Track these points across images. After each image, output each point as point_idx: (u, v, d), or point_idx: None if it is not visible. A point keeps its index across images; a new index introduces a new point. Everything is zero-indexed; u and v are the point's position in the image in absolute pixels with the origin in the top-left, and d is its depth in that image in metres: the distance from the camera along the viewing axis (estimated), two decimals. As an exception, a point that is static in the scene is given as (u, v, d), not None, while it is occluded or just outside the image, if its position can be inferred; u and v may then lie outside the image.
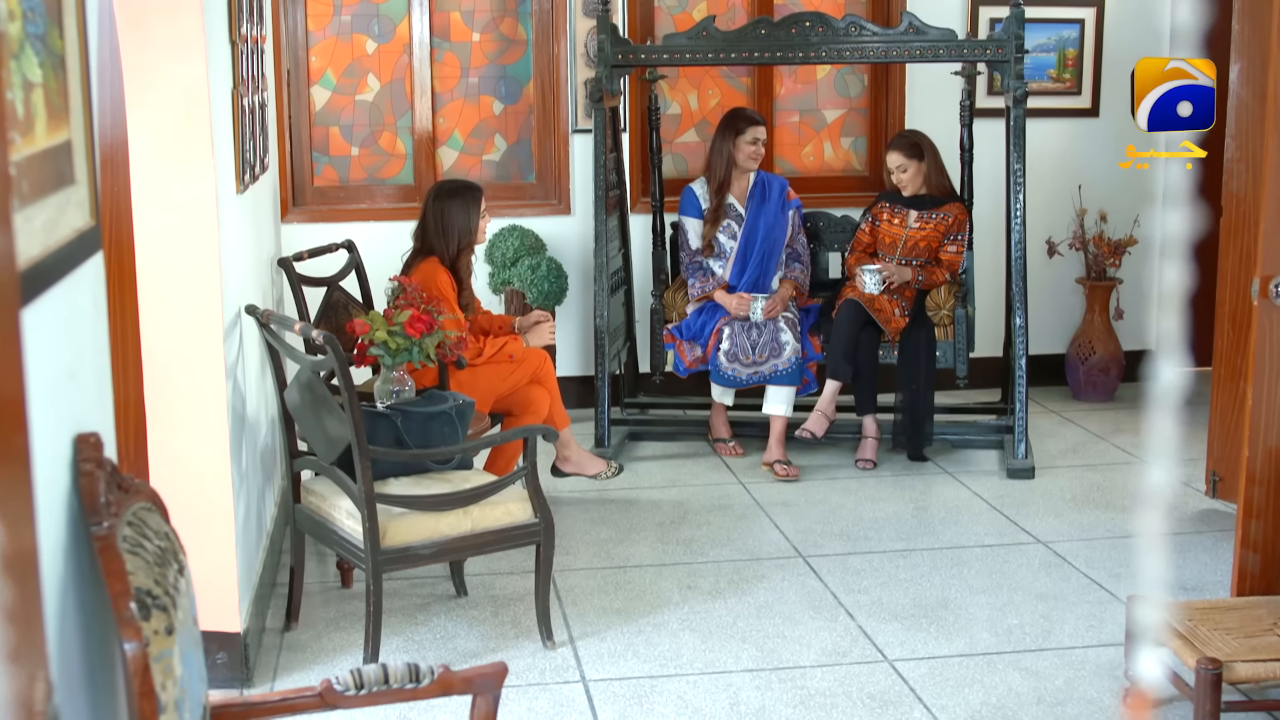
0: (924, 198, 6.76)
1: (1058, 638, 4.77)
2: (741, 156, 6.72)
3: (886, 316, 6.58)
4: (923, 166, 6.72)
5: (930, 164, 6.74)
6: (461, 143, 7.62)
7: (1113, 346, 7.82)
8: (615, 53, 6.70)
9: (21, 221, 1.97)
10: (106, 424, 2.55)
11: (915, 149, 6.73)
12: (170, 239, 4.15)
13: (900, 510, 6.09)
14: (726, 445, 6.92)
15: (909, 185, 6.74)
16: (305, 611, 4.98)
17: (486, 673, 2.84)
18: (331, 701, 2.72)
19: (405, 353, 4.96)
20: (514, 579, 5.27)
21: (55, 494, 2.20)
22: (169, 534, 2.47)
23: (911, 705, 4.28)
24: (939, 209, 6.73)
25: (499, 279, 7.26)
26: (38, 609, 1.52)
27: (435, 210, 5.71)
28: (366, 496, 4.35)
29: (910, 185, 6.74)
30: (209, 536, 4.23)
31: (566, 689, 4.43)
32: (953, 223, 6.72)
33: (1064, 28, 7.83)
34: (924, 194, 6.76)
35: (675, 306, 6.97)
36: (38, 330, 2.11)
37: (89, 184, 2.40)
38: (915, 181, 6.73)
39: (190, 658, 2.36)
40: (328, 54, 7.48)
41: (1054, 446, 6.99)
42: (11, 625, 1.44)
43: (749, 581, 5.28)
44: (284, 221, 7.22)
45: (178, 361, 4.22)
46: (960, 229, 6.73)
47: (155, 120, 4.10)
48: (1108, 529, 5.80)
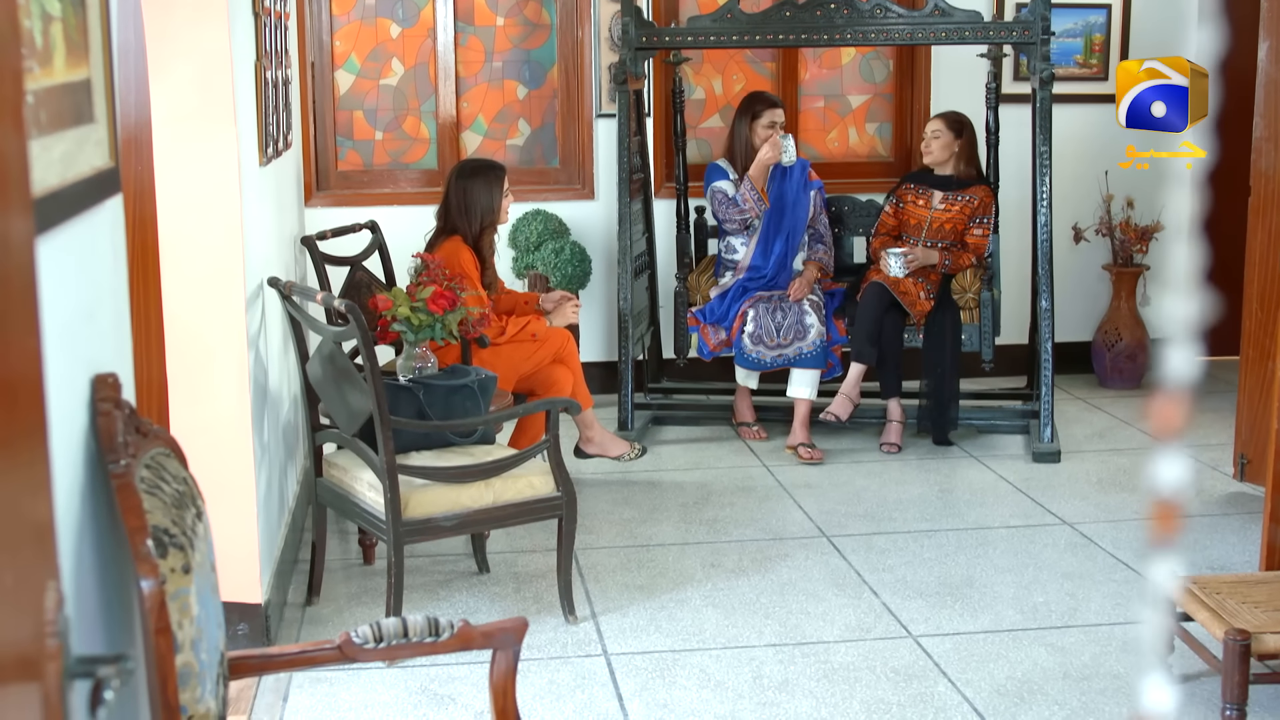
0: (949, 179, 6.73)
1: (1084, 615, 4.73)
2: (759, 140, 6.69)
3: (912, 299, 6.54)
4: (956, 144, 6.69)
5: (965, 146, 6.71)
6: (485, 127, 7.61)
7: (1139, 333, 7.77)
8: (639, 35, 6.68)
9: (39, 150, 1.96)
10: (125, 368, 2.54)
11: (957, 125, 6.72)
12: (192, 207, 4.14)
13: (925, 492, 6.05)
14: (750, 429, 6.89)
15: (935, 154, 6.70)
16: (327, 587, 4.96)
17: (506, 627, 2.82)
18: (350, 654, 2.70)
19: (428, 329, 4.94)
20: (536, 556, 5.25)
21: (72, 433, 2.19)
22: (187, 479, 2.46)
23: (936, 679, 4.25)
24: (964, 190, 6.70)
25: (522, 263, 7.25)
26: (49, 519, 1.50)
27: (458, 189, 5.70)
28: (388, 467, 4.33)
29: (936, 155, 6.70)
30: (230, 506, 4.22)
31: (588, 662, 4.40)
32: (978, 205, 6.68)
33: (1091, 12, 7.79)
34: (950, 175, 6.73)
35: (699, 290, 6.94)
36: (55, 263, 2.10)
37: (108, 125, 2.39)
38: (942, 154, 6.69)
39: (208, 601, 2.34)
40: (352, 38, 7.47)
41: (1080, 431, 6.95)
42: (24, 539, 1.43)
43: (772, 560, 5.25)
44: (308, 205, 7.22)
45: (199, 330, 4.21)
46: (986, 212, 6.69)
47: (177, 89, 4.09)
48: (1134, 511, 5.75)
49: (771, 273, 6.69)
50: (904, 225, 6.81)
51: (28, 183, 1.59)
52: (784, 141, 6.57)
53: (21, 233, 1.52)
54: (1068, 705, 4.07)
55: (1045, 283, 6.54)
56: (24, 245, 1.54)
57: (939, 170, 6.77)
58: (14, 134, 1.45)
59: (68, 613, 1.46)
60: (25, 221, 1.54)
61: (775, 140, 6.57)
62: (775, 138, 6.58)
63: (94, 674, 1.47)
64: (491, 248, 5.79)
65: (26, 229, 1.55)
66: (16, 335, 1.47)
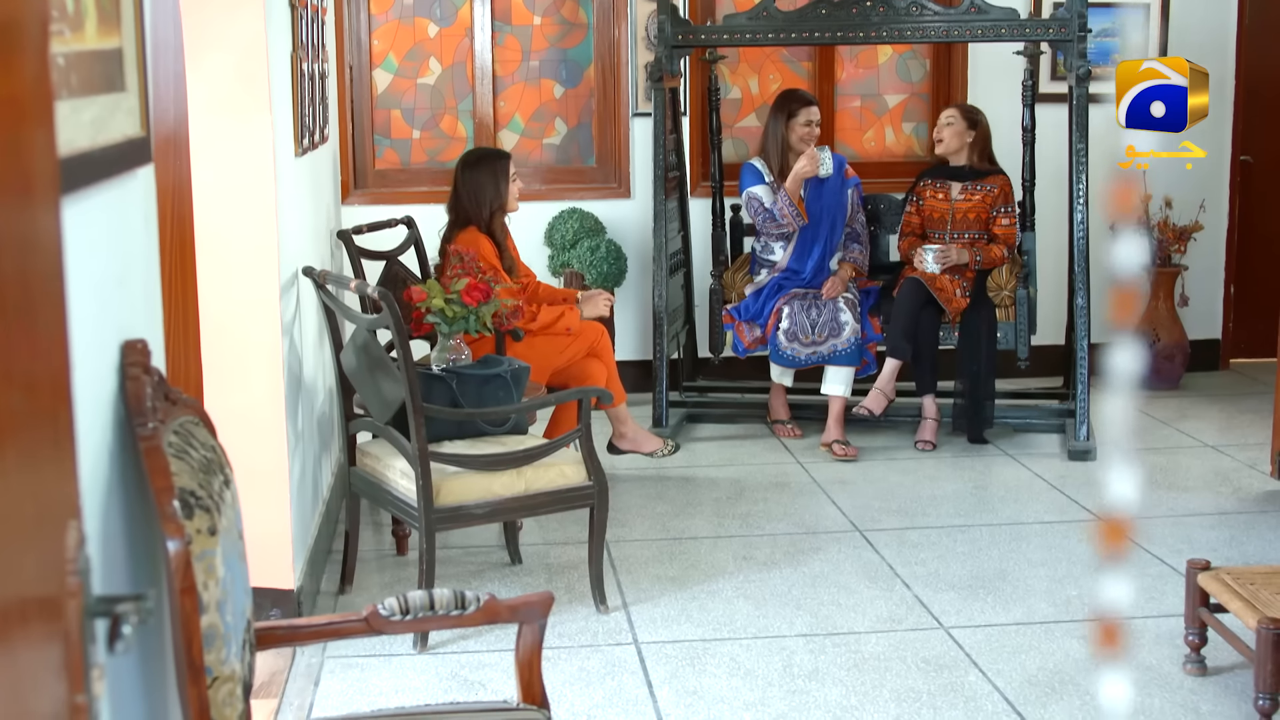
0: (964, 169, 6.73)
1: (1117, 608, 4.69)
2: (795, 138, 6.69)
3: (948, 296, 6.53)
4: (969, 134, 6.69)
5: (979, 138, 6.72)
6: (522, 126, 7.64)
7: (1178, 334, 7.72)
8: (675, 33, 6.70)
9: (69, 111, 1.98)
10: (156, 336, 2.57)
11: (971, 117, 6.72)
12: (227, 193, 4.18)
13: (959, 489, 6.03)
14: (785, 427, 6.88)
15: (947, 142, 6.71)
16: (360, 577, 4.99)
17: (532, 601, 2.83)
18: (377, 626, 2.71)
19: (462, 320, 4.96)
20: (569, 549, 5.26)
21: (101, 396, 2.21)
22: (215, 448, 2.48)
23: (966, 669, 4.23)
24: (983, 180, 6.70)
25: (558, 261, 7.27)
26: (72, 462, 1.52)
27: (465, 179, 5.76)
28: (420, 454, 4.35)
29: (948, 143, 6.71)
30: (264, 492, 4.25)
31: (618, 650, 4.41)
32: (999, 194, 6.68)
33: (1129, 12, 7.75)
34: (965, 165, 6.73)
35: (734, 287, 6.94)
36: (86, 227, 2.13)
37: (139, 95, 2.42)
38: (954, 142, 6.69)
39: (234, 565, 2.36)
40: (390, 37, 7.52)
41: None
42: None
43: (805, 553, 5.24)
44: (346, 203, 7.26)
45: (234, 316, 4.24)
46: (1008, 200, 6.69)
47: (214, 77, 4.13)
48: (1170, 508, 5.72)
49: (809, 275, 6.69)
50: (928, 222, 6.80)
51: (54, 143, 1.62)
52: (821, 154, 6.58)
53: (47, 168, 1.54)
54: (1098, 695, 4.04)
55: (1081, 280, 6.52)
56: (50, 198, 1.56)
57: (953, 160, 6.77)
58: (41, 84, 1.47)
59: (89, 553, 1.47)
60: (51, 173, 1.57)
61: (812, 153, 6.58)
62: (812, 150, 6.59)
63: (113, 613, 1.49)
64: (504, 230, 5.82)
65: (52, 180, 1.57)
66: (41, 277, 1.49)
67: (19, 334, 1.37)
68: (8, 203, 1.32)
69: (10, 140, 1.35)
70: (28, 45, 1.46)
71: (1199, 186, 7.77)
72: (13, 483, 1.31)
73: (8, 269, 1.32)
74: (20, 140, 1.39)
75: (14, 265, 1.34)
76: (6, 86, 1.34)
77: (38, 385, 1.47)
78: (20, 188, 1.38)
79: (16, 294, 1.35)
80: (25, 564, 1.38)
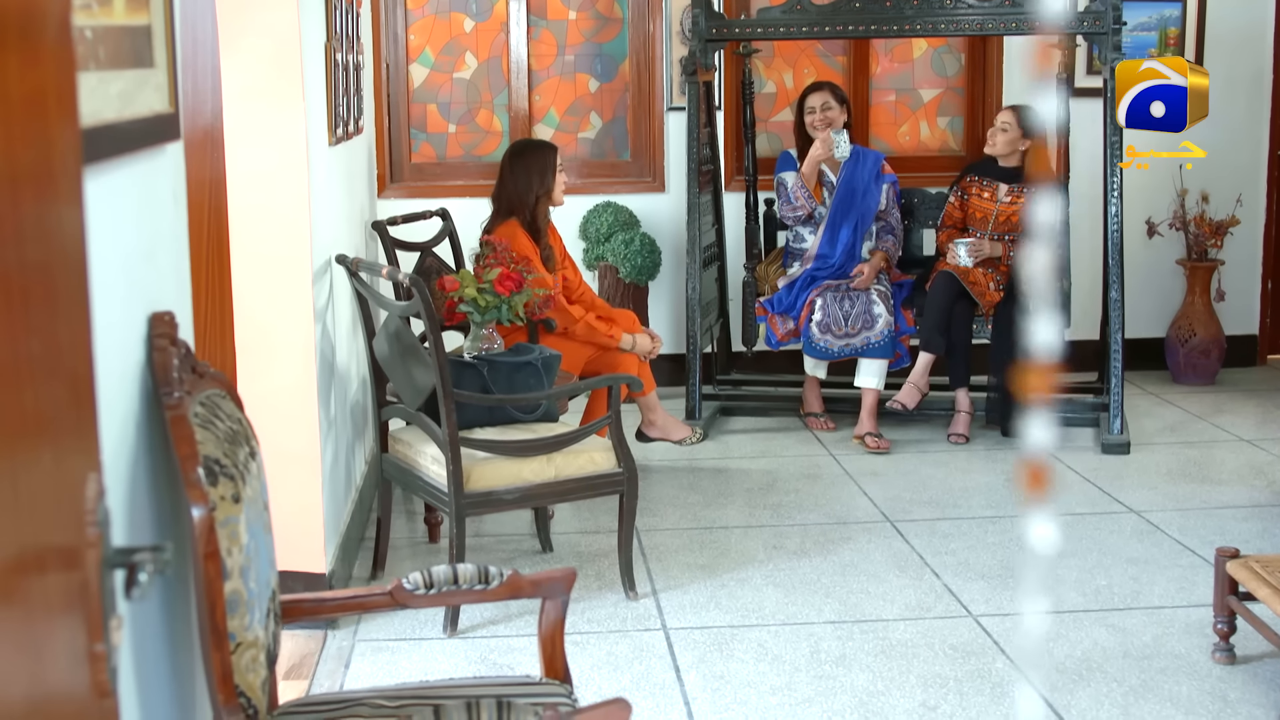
0: (1015, 170, 6.70)
1: (1147, 598, 4.69)
2: (807, 124, 6.76)
3: (981, 289, 6.53)
4: (1023, 143, 6.66)
5: (1032, 149, 6.69)
6: (557, 120, 7.67)
7: (1214, 329, 7.69)
8: (709, 27, 6.72)
9: (95, 82, 2.02)
10: (184, 310, 2.60)
11: (1029, 126, 6.69)
12: (261, 180, 4.22)
13: (991, 481, 6.03)
14: (818, 420, 6.89)
15: (998, 147, 6.68)
16: (391, 563, 5.02)
17: (555, 576, 2.85)
18: (401, 600, 2.74)
19: (494, 310, 4.99)
20: (599, 537, 5.29)
21: (128, 367, 2.25)
22: (241, 420, 2.51)
23: (994, 656, 4.24)
24: (1030, 183, 6.68)
25: (593, 254, 7.30)
26: (92, 413, 1.56)
27: (513, 167, 5.78)
28: (451, 439, 4.38)
29: (999, 147, 6.68)
30: (296, 476, 4.29)
31: (647, 636, 4.43)
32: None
33: (1166, 6, 7.72)
34: (1016, 167, 6.71)
35: (768, 279, 6.96)
36: (111, 197, 2.17)
37: (168, 73, 2.45)
38: (1006, 148, 6.67)
39: (258, 534, 2.40)
40: (426, 32, 7.57)
41: (1151, 425, 6.89)
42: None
43: (835, 543, 5.25)
44: (381, 197, 7.31)
45: (267, 303, 4.28)
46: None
47: (248, 65, 4.17)
48: (1203, 500, 5.70)
49: (839, 261, 6.69)
50: (969, 218, 6.79)
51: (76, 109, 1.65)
52: (836, 137, 6.60)
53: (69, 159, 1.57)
54: (1126, 683, 4.04)
55: (1116, 274, 6.50)
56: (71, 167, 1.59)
57: (1003, 162, 6.74)
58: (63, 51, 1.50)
59: (108, 505, 1.51)
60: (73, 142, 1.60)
61: (826, 136, 6.62)
62: (826, 134, 6.62)
63: (130, 562, 1.52)
64: (546, 217, 5.82)
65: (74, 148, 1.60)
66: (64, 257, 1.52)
67: (41, 314, 1.39)
68: (33, 194, 1.35)
69: (35, 133, 1.37)
70: (49, 35, 1.49)
71: (1236, 181, 7.74)
72: (30, 429, 1.34)
73: (32, 256, 1.35)
74: (44, 134, 1.41)
75: (38, 252, 1.36)
76: (29, 79, 1.36)
77: (58, 345, 1.50)
78: (44, 179, 1.40)
79: (39, 281, 1.38)
80: (43, 513, 1.41)
